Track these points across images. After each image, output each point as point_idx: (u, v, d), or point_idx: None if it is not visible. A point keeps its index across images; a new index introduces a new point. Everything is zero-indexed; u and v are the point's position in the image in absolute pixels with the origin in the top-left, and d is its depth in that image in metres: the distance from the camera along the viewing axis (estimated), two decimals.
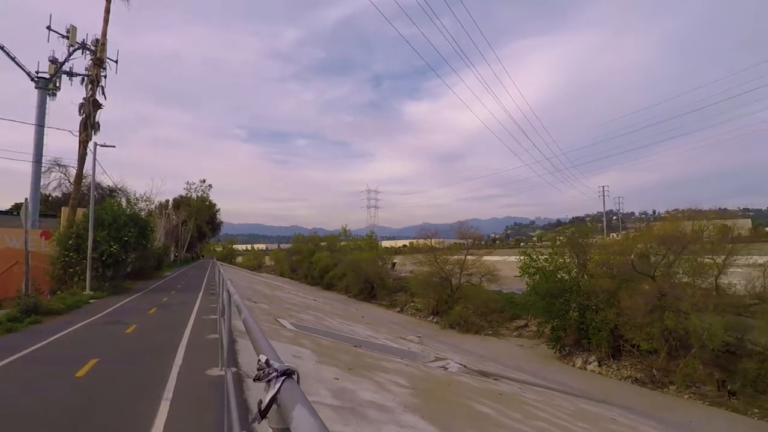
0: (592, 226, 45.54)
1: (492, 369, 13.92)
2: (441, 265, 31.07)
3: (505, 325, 27.20)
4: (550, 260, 23.26)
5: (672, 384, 15.95)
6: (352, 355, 8.20)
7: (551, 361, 19.87)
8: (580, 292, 20.31)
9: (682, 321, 15.19)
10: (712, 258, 17.70)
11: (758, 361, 14.89)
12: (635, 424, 9.85)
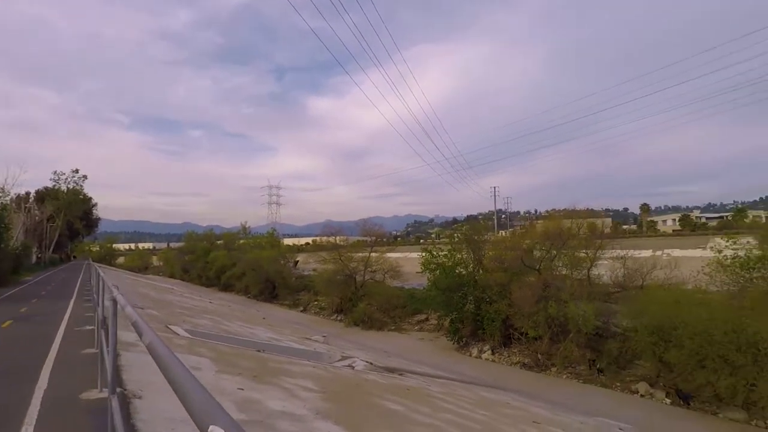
0: (484, 224, 49.07)
1: (397, 364, 14.14)
2: (345, 262, 31.02)
3: (407, 320, 28.02)
4: (449, 256, 24.40)
5: (553, 366, 17.70)
6: (256, 361, 7.65)
7: (450, 353, 20.89)
8: (476, 285, 21.65)
9: (563, 309, 16.93)
10: (585, 252, 20.01)
11: (620, 341, 17.14)
12: (526, 406, 10.67)
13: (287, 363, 8.32)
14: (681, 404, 13.80)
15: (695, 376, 12.49)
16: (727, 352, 11.34)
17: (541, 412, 10.04)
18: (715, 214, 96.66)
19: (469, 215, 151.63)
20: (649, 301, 15.07)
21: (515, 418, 8.39)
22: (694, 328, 12.29)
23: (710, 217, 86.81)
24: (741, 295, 12.69)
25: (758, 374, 11.20)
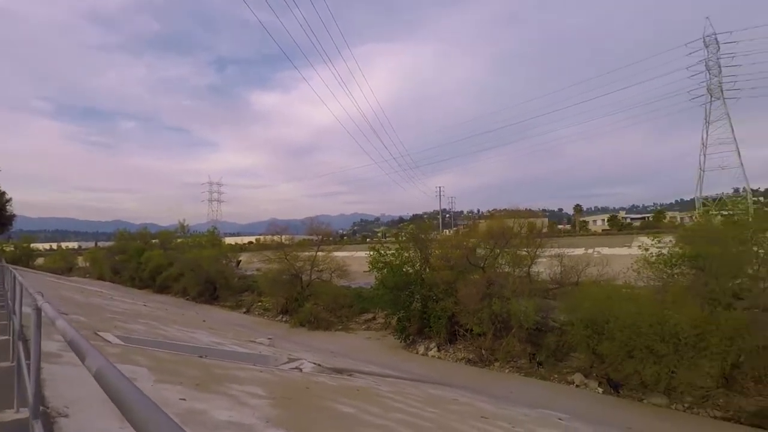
0: (429, 223, 49.96)
1: (345, 365, 13.98)
2: (291, 262, 30.34)
3: (354, 319, 27.89)
4: (396, 255, 24.55)
5: (496, 361, 18.30)
6: (199, 368, 7.21)
7: (398, 351, 21.03)
8: (423, 284, 21.94)
9: (506, 305, 17.55)
10: (526, 251, 20.89)
11: (557, 335, 18.06)
12: (473, 401, 10.91)
13: (233, 368, 7.92)
14: (611, 392, 14.75)
15: (624, 365, 13.40)
16: (652, 342, 12.26)
17: (487, 407, 10.31)
18: (638, 215, 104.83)
19: (414, 214, 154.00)
20: (584, 297, 15.96)
21: (463, 414, 8.53)
22: (624, 322, 13.17)
23: (634, 218, 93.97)
24: (664, 290, 13.80)
25: (678, 362, 12.20)
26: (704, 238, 14.98)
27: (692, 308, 11.76)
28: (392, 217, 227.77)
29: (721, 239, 14.62)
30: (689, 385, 12.56)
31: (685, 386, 12.55)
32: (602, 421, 11.83)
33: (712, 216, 29.26)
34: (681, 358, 12.06)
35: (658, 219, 77.55)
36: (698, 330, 11.48)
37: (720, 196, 57.70)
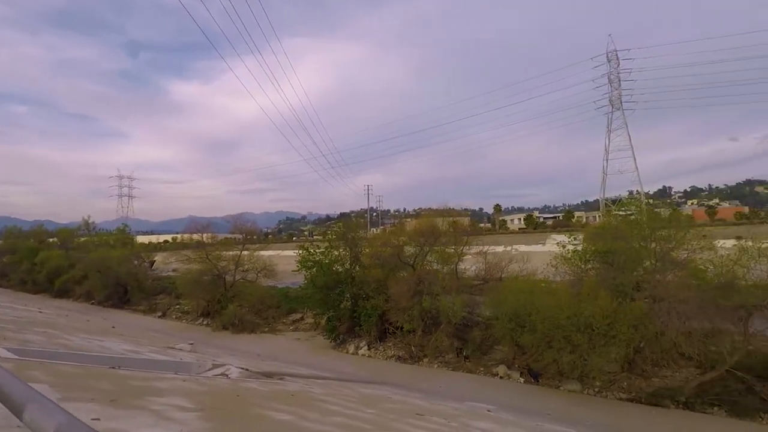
0: (357, 222, 49.97)
1: (275, 368, 13.42)
2: (214, 261, 28.66)
3: (281, 320, 27.04)
4: (326, 253, 24.15)
5: (425, 357, 18.69)
6: (113, 381, 6.44)
7: (327, 351, 20.70)
8: (353, 282, 21.79)
9: (435, 302, 17.95)
10: (453, 248, 21.55)
11: (482, 329, 18.87)
12: (406, 399, 10.97)
13: (152, 379, 7.17)
14: (532, 382, 15.68)
15: (544, 355, 14.29)
16: (569, 333, 13.20)
17: (420, 403, 10.41)
18: (550, 215, 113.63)
19: (342, 213, 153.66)
20: (508, 292, 16.79)
21: (399, 412, 8.51)
22: (545, 314, 14.05)
23: (547, 217, 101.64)
24: (579, 284, 14.94)
25: (591, 350, 13.24)
26: (610, 236, 16.45)
27: (604, 300, 12.84)
28: (319, 215, 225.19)
29: (623, 236, 16.16)
30: (599, 371, 13.70)
31: (596, 372, 13.66)
32: (525, 410, 12.50)
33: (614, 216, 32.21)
34: (593, 346, 13.10)
35: (567, 218, 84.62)
36: (609, 320, 12.57)
37: (619, 198, 64.25)
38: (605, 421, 12.23)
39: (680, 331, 12.51)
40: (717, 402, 12.80)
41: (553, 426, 9.42)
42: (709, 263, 13.73)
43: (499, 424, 8.67)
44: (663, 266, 14.37)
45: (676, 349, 12.84)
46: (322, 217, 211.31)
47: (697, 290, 12.64)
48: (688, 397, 13.06)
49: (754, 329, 12.33)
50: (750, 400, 12.40)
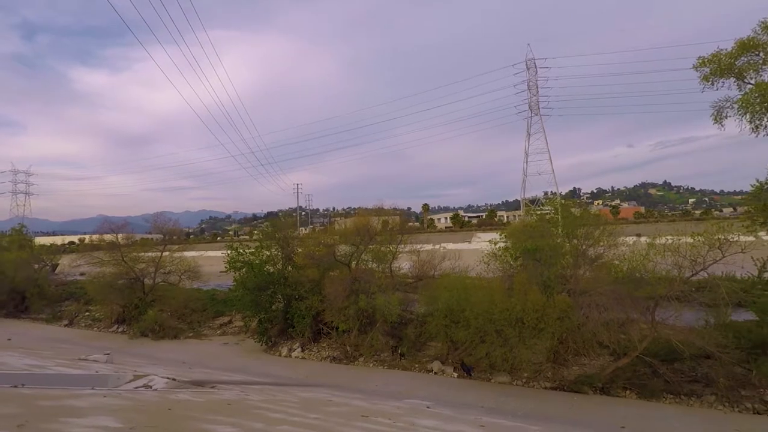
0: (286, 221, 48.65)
1: (205, 376, 12.58)
2: (131, 264, 26.34)
3: (207, 324, 25.56)
4: (256, 254, 23.19)
5: (361, 356, 18.58)
6: (17, 402, 5.60)
7: (259, 355, 19.86)
8: (286, 283, 21.12)
9: (371, 301, 17.90)
10: (388, 247, 21.65)
11: (416, 326, 19.16)
12: (347, 400, 10.76)
13: (66, 397, 6.33)
14: (465, 376, 16.18)
15: (478, 350, 14.79)
16: (502, 327, 13.77)
17: (362, 404, 10.25)
18: (473, 214, 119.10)
19: (269, 212, 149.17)
20: (442, 289, 17.16)
21: (344, 415, 8.29)
22: (478, 309, 14.52)
23: (471, 216, 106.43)
24: (510, 280, 15.65)
25: (521, 343, 13.91)
26: (538, 234, 17.44)
27: (534, 295, 13.56)
28: (245, 214, 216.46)
29: (548, 234, 17.23)
30: (527, 363, 14.45)
31: (524, 364, 14.40)
32: (461, 404, 12.84)
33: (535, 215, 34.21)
34: (523, 339, 13.77)
35: (490, 217, 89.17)
36: (538, 314, 13.29)
37: (537, 198, 68.80)
38: (534, 409, 12.90)
39: (599, 322, 13.54)
40: (628, 386, 14.04)
41: (490, 419, 9.72)
42: (621, 258, 15.03)
43: (442, 421, 8.77)
44: (582, 262, 15.52)
45: (595, 338, 13.89)
46: (248, 216, 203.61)
47: (613, 283, 13.77)
48: (605, 383, 14.19)
49: (660, 318, 13.68)
50: (656, 383, 13.73)
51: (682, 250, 13.02)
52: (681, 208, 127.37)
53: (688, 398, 13.42)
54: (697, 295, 13.41)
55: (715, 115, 18.06)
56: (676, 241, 13.04)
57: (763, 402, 12.78)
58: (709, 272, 12.93)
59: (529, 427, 9.41)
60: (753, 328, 13.91)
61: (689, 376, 13.98)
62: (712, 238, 11.84)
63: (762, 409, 12.57)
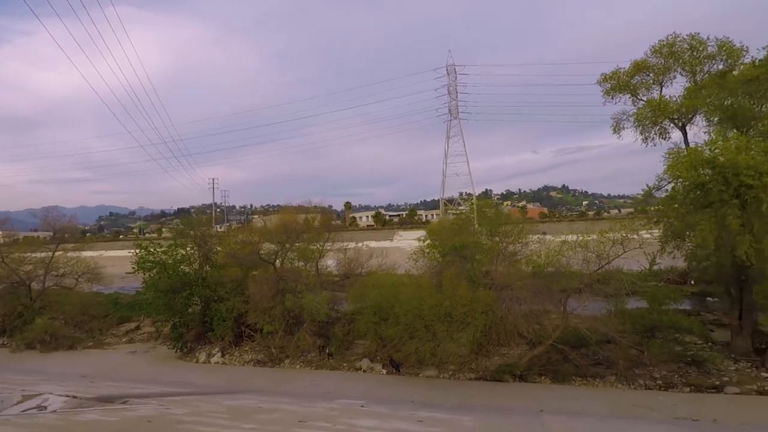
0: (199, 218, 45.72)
1: (113, 390, 11.33)
2: (13, 266, 22.94)
3: (110, 331, 23.13)
4: (170, 253, 21.43)
5: (287, 358, 17.95)
6: None
7: (174, 362, 18.38)
8: (205, 284, 19.77)
9: (299, 300, 17.37)
10: (315, 245, 21.18)
11: (345, 325, 18.98)
12: (278, 406, 10.30)
13: None
14: (394, 372, 16.32)
15: (407, 346, 14.95)
16: (431, 322, 14.06)
17: (294, 408, 9.87)
18: (394, 212, 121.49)
19: (180, 208, 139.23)
20: (371, 286, 17.15)
21: (280, 422, 7.89)
22: (408, 306, 14.69)
23: (392, 215, 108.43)
24: (439, 276, 16.06)
25: (449, 337, 14.33)
26: (465, 232, 18.13)
27: (463, 290, 14.03)
28: (151, 210, 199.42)
29: (471, 232, 18.01)
30: (453, 356, 14.93)
31: (451, 357, 14.86)
32: (393, 400, 12.91)
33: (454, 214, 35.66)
34: (451, 333, 14.20)
35: (411, 216, 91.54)
36: (466, 308, 13.78)
37: (454, 198, 71.98)
38: (462, 400, 13.38)
39: (519, 314, 14.41)
40: (543, 372, 15.11)
41: (425, 413, 9.87)
42: (537, 255, 16.15)
43: (380, 419, 8.72)
44: (503, 258, 16.43)
45: (515, 330, 14.75)
46: (155, 212, 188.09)
47: (531, 278, 14.73)
48: (523, 371, 15.12)
49: (570, 308, 14.92)
50: (567, 368, 14.94)
51: (590, 246, 14.31)
52: (577, 209, 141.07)
53: (593, 380, 14.78)
54: (602, 286, 14.78)
55: (614, 126, 20.15)
56: (585, 238, 14.27)
57: (653, 378, 14.50)
58: (612, 266, 14.34)
59: (461, 418, 9.70)
60: (645, 314, 15.73)
61: (594, 359, 15.43)
62: (618, 235, 13.12)
63: (652, 384, 14.25)
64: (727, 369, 14.66)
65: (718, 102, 16.24)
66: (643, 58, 19.25)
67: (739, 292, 15.43)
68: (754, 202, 10.74)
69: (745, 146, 11.13)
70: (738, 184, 10.72)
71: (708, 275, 19.16)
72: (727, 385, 13.67)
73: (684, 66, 18.47)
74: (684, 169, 11.64)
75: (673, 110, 17.50)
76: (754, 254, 11.23)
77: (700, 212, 12.01)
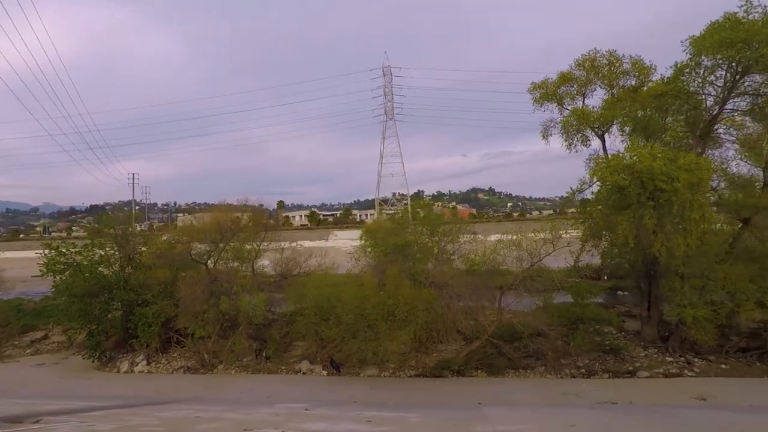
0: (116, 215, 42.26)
1: (19, 408, 10.07)
2: None
3: (11, 342, 20.63)
4: (85, 253, 19.53)
5: (221, 363, 17.08)
6: None
7: (91, 374, 16.77)
8: (127, 287, 18.26)
9: (234, 302, 16.59)
10: (251, 244, 20.36)
11: (282, 326, 18.44)
12: (217, 414, 9.74)
13: None
14: (334, 373, 16.12)
15: (349, 346, 14.83)
16: (374, 322, 14.06)
17: (235, 416, 9.40)
18: (328, 212, 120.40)
19: (93, 205, 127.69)
20: (311, 286, 16.81)
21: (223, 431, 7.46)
22: (350, 305, 14.58)
23: (326, 215, 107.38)
24: (382, 275, 16.09)
25: (391, 335, 14.42)
26: (400, 231, 18.35)
27: (406, 289, 14.18)
28: (59, 207, 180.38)
29: (412, 231, 18.30)
30: (394, 354, 15.06)
31: (392, 355, 14.97)
32: (336, 401, 12.75)
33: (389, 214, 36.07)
34: (393, 332, 14.30)
35: (345, 216, 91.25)
36: (409, 306, 13.94)
37: (388, 198, 72.91)
38: (404, 397, 13.54)
39: (458, 311, 14.87)
40: (480, 366, 15.74)
41: (371, 412, 9.82)
42: (474, 253, 16.79)
43: (329, 422, 8.54)
44: (443, 256, 16.88)
45: (454, 326, 15.21)
46: (63, 209, 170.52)
47: (469, 275, 15.27)
48: (460, 366, 15.63)
49: (505, 304, 15.68)
50: (501, 361, 15.68)
51: (523, 245, 15.13)
52: (503, 210, 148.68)
53: (525, 371, 15.65)
54: (533, 283, 15.69)
55: (543, 133, 21.45)
56: (519, 237, 15.05)
57: (577, 367, 15.66)
58: (542, 263, 15.27)
59: (407, 415, 9.79)
60: (570, 307, 16.91)
61: (525, 352, 16.32)
62: (549, 234, 13.99)
63: (576, 373, 15.40)
64: (638, 355, 16.23)
65: (632, 114, 17.88)
66: (569, 70, 20.70)
67: (648, 286, 17.09)
68: (666, 204, 12.02)
69: (659, 154, 12.36)
70: (653, 188, 11.93)
71: (621, 271, 21.09)
72: (639, 370, 15.14)
73: (603, 79, 20.05)
74: (608, 174, 12.68)
75: (595, 119, 18.98)
76: (665, 251, 12.53)
77: (621, 213, 13.16)
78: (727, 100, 15.54)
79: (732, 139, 17.51)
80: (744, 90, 15.78)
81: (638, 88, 19.13)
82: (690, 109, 16.59)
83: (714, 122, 16.11)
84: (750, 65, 14.46)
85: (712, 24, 14.80)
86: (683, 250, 12.20)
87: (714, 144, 17.60)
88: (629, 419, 9.87)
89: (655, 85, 17.57)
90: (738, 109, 16.49)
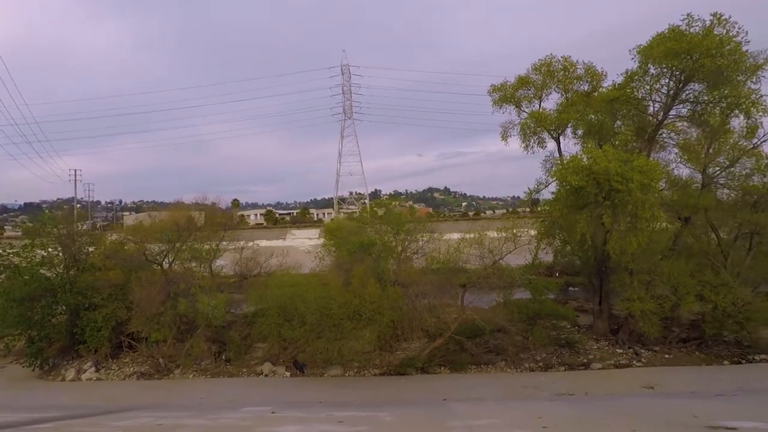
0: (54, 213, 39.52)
1: None
2: None
3: None
4: (25, 254, 18.17)
5: (178, 367, 16.37)
6: None
7: (32, 383, 15.59)
8: (73, 290, 17.11)
9: (193, 304, 15.94)
10: (209, 244, 19.65)
11: (242, 328, 17.94)
12: (178, 421, 9.32)
13: None
14: (298, 374, 15.86)
15: (313, 346, 14.63)
16: (340, 321, 13.94)
17: (199, 422, 9.04)
18: (284, 211, 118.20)
19: (27, 203, 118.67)
20: (273, 286, 16.45)
21: None
22: (315, 305, 14.39)
23: (282, 213, 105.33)
24: (346, 274, 15.98)
25: (356, 335, 14.37)
26: (363, 230, 18.33)
27: (372, 288, 14.15)
28: None
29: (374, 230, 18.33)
30: (359, 353, 15.02)
31: (357, 354, 14.92)
32: (303, 402, 12.53)
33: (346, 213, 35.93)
34: (358, 330, 14.25)
35: (303, 215, 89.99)
36: (375, 305, 13.93)
37: (346, 197, 72.61)
38: (369, 396, 13.52)
39: (423, 309, 15.03)
40: (443, 362, 15.97)
41: (341, 413, 9.73)
42: (438, 251, 17.02)
43: (302, 425, 8.38)
44: (407, 254, 17.01)
45: (419, 324, 15.36)
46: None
47: (433, 273, 15.46)
48: (424, 363, 15.81)
49: (467, 301, 16.01)
50: (463, 357, 15.99)
51: (485, 243, 15.52)
52: (458, 210, 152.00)
53: (486, 366, 16.04)
54: (494, 280, 16.12)
55: (502, 134, 22.08)
56: (481, 235, 15.42)
57: (536, 361, 16.25)
58: (504, 261, 15.73)
59: (378, 414, 9.78)
60: (529, 303, 17.53)
61: (486, 347, 16.74)
62: (511, 233, 14.42)
63: (535, 366, 15.96)
64: (591, 348, 17.06)
65: (585, 117, 18.77)
66: (526, 74, 21.43)
67: (599, 282, 18.02)
68: (621, 204, 12.72)
69: (613, 156, 13.06)
70: (609, 188, 12.59)
71: (574, 268, 22.11)
72: (593, 362, 15.92)
73: (558, 84, 20.92)
74: (568, 174, 13.24)
75: (551, 122, 19.76)
76: (617, 249, 13.27)
77: (578, 212, 13.79)
78: (671, 106, 16.60)
79: (674, 144, 18.84)
80: (685, 97, 16.95)
81: (590, 93, 20.10)
82: (638, 114, 17.60)
83: (659, 127, 17.19)
84: (691, 74, 15.53)
85: (658, 35, 15.77)
86: (635, 248, 12.97)
87: (659, 148, 18.80)
88: (594, 409, 10.34)
89: (607, 90, 18.51)
90: (680, 115, 17.71)
